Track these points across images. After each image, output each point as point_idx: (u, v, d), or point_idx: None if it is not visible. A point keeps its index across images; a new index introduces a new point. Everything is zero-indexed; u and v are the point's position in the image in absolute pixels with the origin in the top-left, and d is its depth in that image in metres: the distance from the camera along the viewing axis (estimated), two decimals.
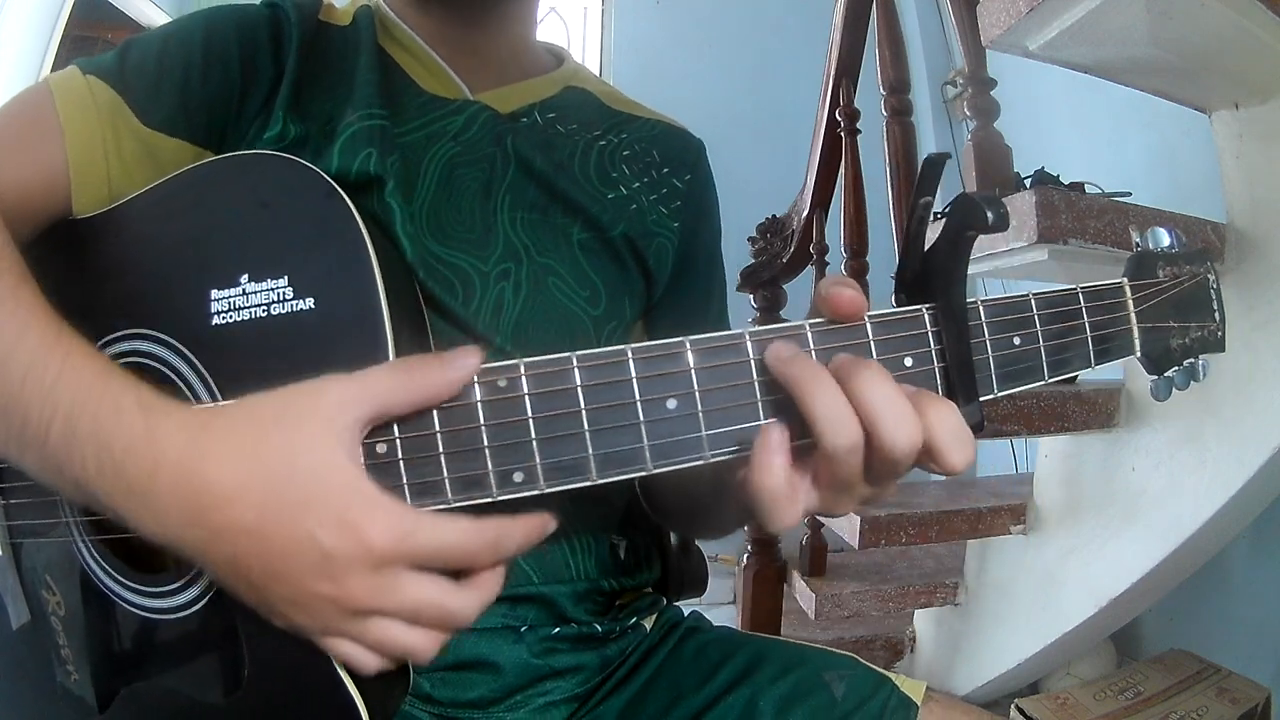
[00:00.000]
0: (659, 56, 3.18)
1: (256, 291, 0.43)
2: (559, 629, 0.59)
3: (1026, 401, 1.26)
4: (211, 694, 0.46)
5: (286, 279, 0.42)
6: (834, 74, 1.64)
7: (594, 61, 3.34)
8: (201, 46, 0.56)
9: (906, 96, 1.49)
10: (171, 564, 0.47)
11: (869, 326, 0.41)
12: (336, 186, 0.44)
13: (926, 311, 0.42)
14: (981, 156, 1.26)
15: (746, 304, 1.79)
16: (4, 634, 0.55)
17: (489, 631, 0.57)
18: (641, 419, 0.39)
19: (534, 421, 0.39)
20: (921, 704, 0.58)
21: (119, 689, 0.50)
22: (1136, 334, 0.48)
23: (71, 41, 2.34)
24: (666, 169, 0.70)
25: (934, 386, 0.42)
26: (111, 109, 0.53)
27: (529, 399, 0.39)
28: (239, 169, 0.46)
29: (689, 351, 0.39)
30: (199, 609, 0.45)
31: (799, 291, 1.65)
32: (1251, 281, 1.12)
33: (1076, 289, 0.46)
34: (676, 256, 0.69)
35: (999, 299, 0.44)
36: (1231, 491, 1.13)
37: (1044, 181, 1.24)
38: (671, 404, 0.39)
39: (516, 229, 0.61)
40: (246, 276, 0.43)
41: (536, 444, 0.39)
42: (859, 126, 1.61)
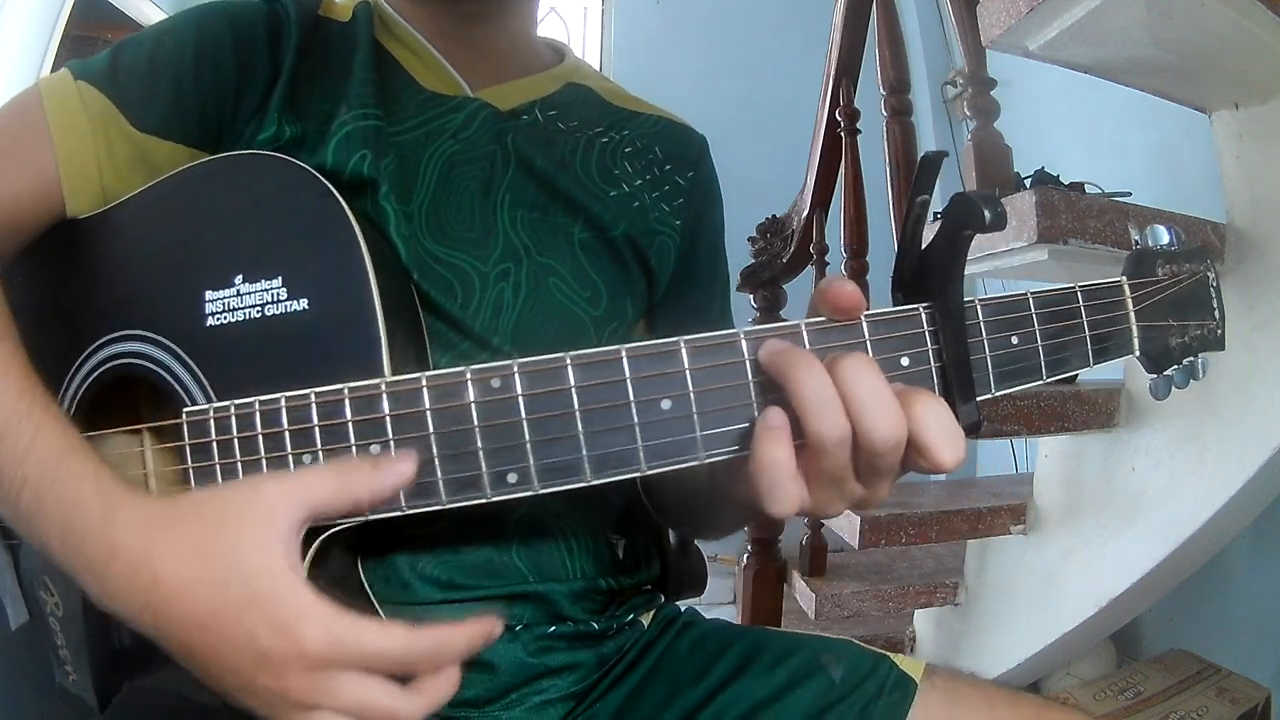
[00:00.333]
0: (659, 56, 3.18)
1: (251, 292, 0.43)
2: (555, 627, 0.59)
3: (1026, 401, 1.25)
4: (207, 693, 0.46)
5: (280, 279, 0.42)
6: (834, 74, 1.63)
7: (594, 61, 3.33)
8: (194, 48, 0.55)
9: (906, 96, 1.49)
10: None
11: (865, 326, 0.41)
12: (330, 187, 0.43)
13: (924, 311, 0.42)
14: (981, 156, 1.26)
15: (746, 304, 1.79)
16: (3, 634, 0.55)
17: None
18: (636, 420, 0.39)
19: (528, 423, 0.39)
20: (923, 679, 0.58)
21: (117, 689, 0.50)
22: (1135, 333, 0.47)
23: (71, 41, 2.34)
24: (669, 166, 0.70)
25: (931, 386, 0.41)
26: (103, 116, 0.53)
27: (523, 400, 0.39)
28: (233, 169, 0.46)
29: (684, 351, 0.39)
30: None
31: (799, 291, 1.65)
32: (1251, 281, 1.12)
33: (1075, 288, 0.45)
34: (679, 255, 0.68)
35: (997, 298, 0.43)
36: (1231, 491, 1.13)
37: (1044, 181, 1.24)
38: (666, 404, 0.39)
39: (516, 228, 0.60)
40: (241, 277, 0.43)
41: (530, 445, 0.39)
42: (859, 126, 1.61)
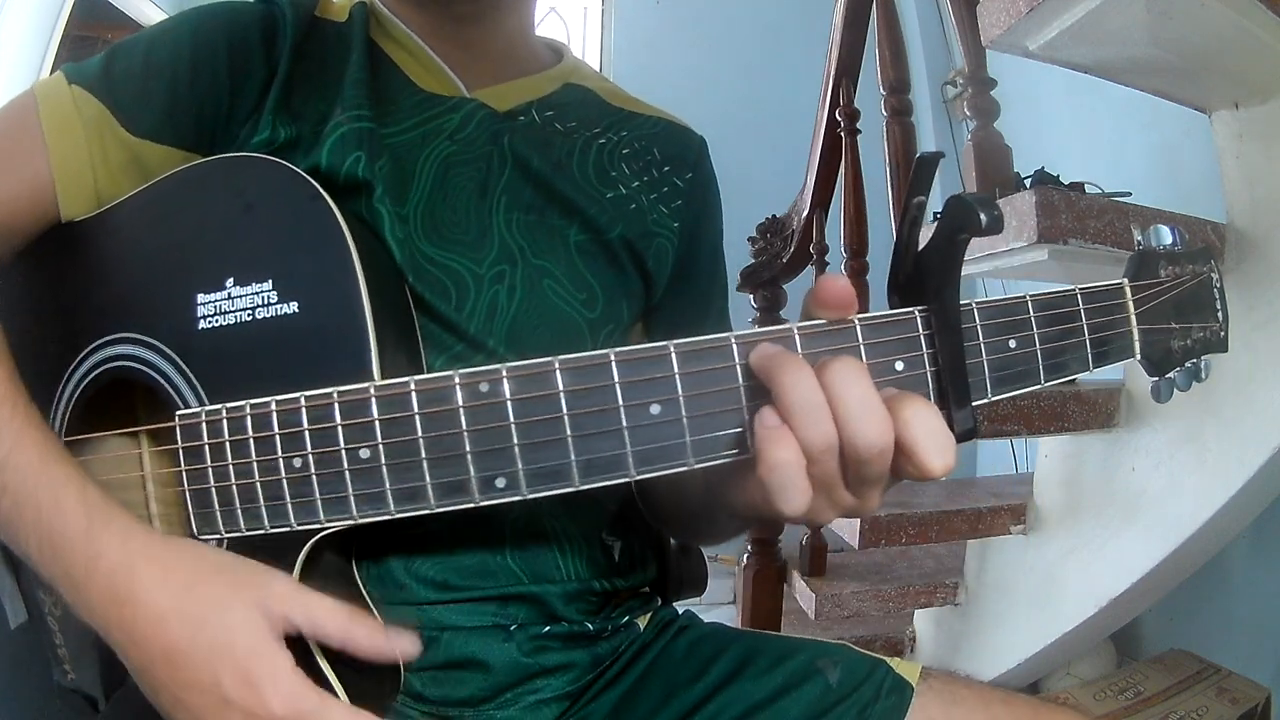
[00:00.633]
0: (659, 56, 3.17)
1: (242, 295, 0.43)
2: (549, 628, 0.59)
3: (1026, 401, 1.25)
4: None
5: (271, 283, 0.42)
6: (834, 74, 1.63)
7: (594, 62, 3.33)
8: (189, 50, 0.55)
9: (906, 96, 1.49)
10: None
11: (859, 329, 0.40)
12: (320, 190, 0.43)
13: (919, 314, 0.41)
14: (981, 156, 1.26)
15: (746, 304, 1.79)
16: (3, 634, 0.55)
17: (479, 630, 0.57)
18: (625, 425, 0.38)
19: (516, 427, 0.39)
20: (920, 682, 0.58)
21: (115, 688, 0.50)
22: (1137, 336, 0.46)
23: (71, 41, 2.34)
24: (667, 167, 0.69)
25: (926, 391, 0.40)
26: (97, 121, 0.53)
27: (511, 404, 0.39)
28: (224, 172, 0.46)
29: (674, 356, 0.39)
30: None
31: (799, 291, 1.63)
32: (1251, 281, 1.12)
33: (1075, 290, 0.44)
34: (677, 257, 0.68)
35: (994, 301, 0.42)
36: (1231, 491, 1.13)
37: (1044, 181, 1.24)
38: (655, 409, 0.38)
39: (512, 230, 0.60)
40: (232, 280, 0.43)
41: (519, 449, 0.39)
42: (859, 126, 1.61)
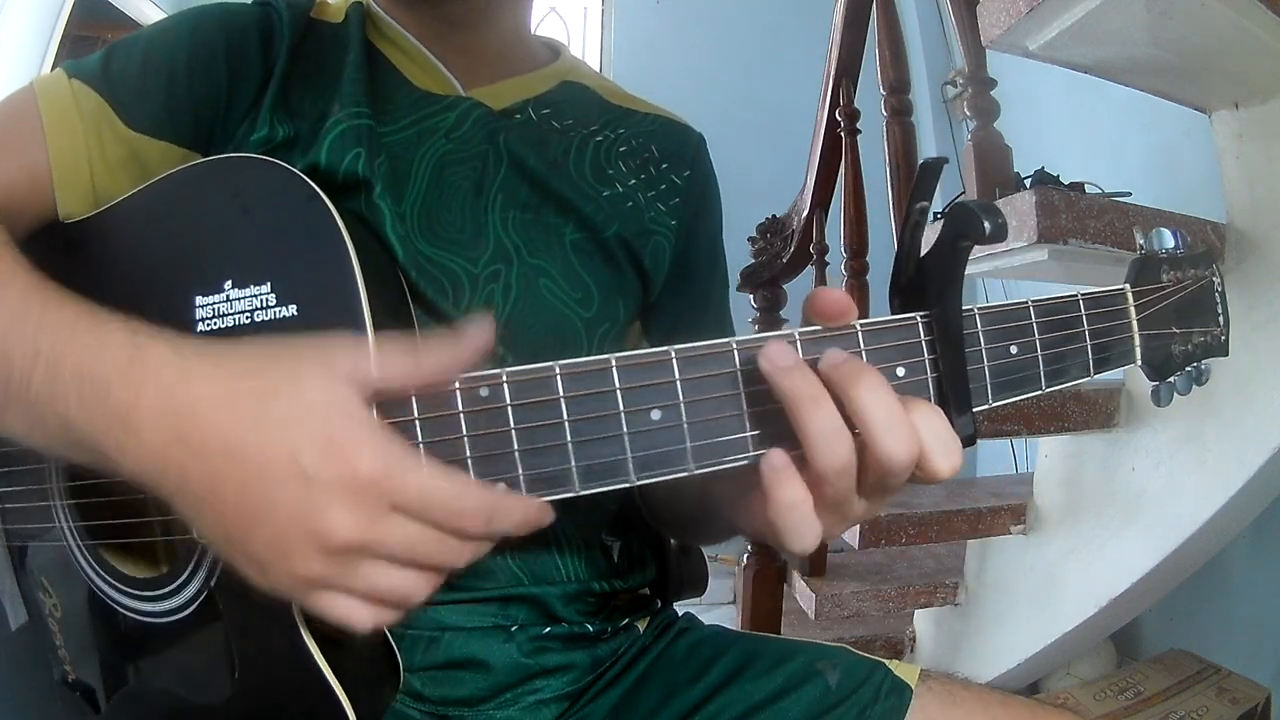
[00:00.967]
0: (659, 56, 3.18)
1: (240, 298, 0.42)
2: (549, 628, 0.59)
3: (1026, 401, 1.24)
4: (203, 695, 0.47)
5: (269, 285, 0.42)
6: (834, 74, 1.63)
7: (594, 62, 3.33)
8: (187, 48, 0.56)
9: (906, 96, 1.48)
10: (165, 568, 0.47)
11: (860, 335, 0.40)
12: (318, 190, 0.43)
13: (920, 320, 0.41)
14: (981, 156, 1.26)
15: (746, 304, 1.79)
16: (3, 634, 0.55)
17: (479, 631, 0.57)
18: (625, 430, 0.38)
19: (516, 432, 0.38)
20: (919, 684, 0.58)
21: (115, 690, 0.50)
22: (1138, 341, 0.47)
23: (71, 41, 2.34)
24: (665, 165, 0.69)
25: (927, 397, 0.41)
26: (96, 114, 0.53)
27: (511, 409, 0.38)
28: (220, 173, 0.46)
29: (674, 361, 0.39)
30: (190, 613, 0.46)
31: (799, 291, 1.63)
32: (1251, 281, 1.12)
33: (1077, 296, 0.45)
34: (674, 255, 0.67)
35: (996, 307, 0.42)
36: (1231, 491, 1.13)
37: (1044, 181, 1.23)
38: (656, 414, 0.38)
39: (508, 229, 0.60)
40: (230, 283, 0.43)
41: (519, 455, 0.39)
42: (859, 126, 1.60)
